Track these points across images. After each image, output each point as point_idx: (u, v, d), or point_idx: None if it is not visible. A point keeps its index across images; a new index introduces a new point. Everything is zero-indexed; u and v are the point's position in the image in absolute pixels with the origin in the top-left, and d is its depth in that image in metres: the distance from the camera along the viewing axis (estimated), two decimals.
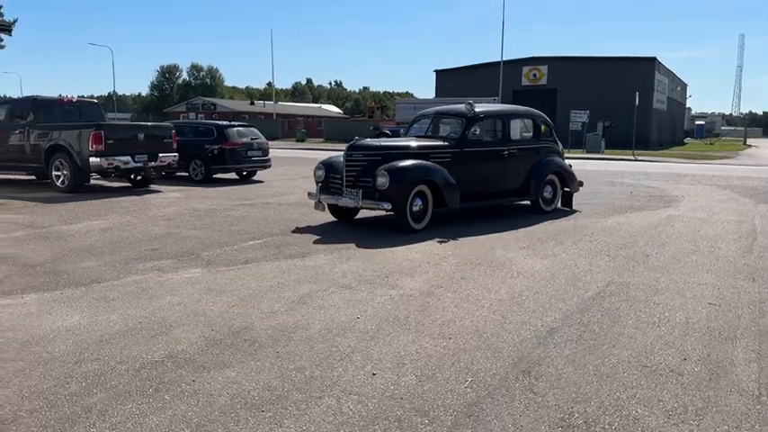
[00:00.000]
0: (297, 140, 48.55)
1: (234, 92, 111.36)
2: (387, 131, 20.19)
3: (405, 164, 8.19)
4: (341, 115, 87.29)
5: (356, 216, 9.20)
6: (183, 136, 14.65)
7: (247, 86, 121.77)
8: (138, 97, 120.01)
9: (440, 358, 3.78)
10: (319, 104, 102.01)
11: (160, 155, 12.96)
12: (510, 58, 44.43)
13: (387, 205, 7.93)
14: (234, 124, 15.90)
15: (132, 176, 13.57)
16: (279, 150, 27.49)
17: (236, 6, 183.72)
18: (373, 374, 3.53)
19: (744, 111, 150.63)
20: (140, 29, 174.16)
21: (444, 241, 7.48)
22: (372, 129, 33.69)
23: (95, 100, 17.57)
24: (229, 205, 10.74)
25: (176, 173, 15.01)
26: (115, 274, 5.80)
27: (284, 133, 56.63)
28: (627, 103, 32.99)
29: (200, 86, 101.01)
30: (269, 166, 16.26)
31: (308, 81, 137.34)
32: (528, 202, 10.07)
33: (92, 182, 12.94)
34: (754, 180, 16.89)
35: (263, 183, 15.19)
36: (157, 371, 3.56)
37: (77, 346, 3.95)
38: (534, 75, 46.85)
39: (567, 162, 10.72)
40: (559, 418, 3.05)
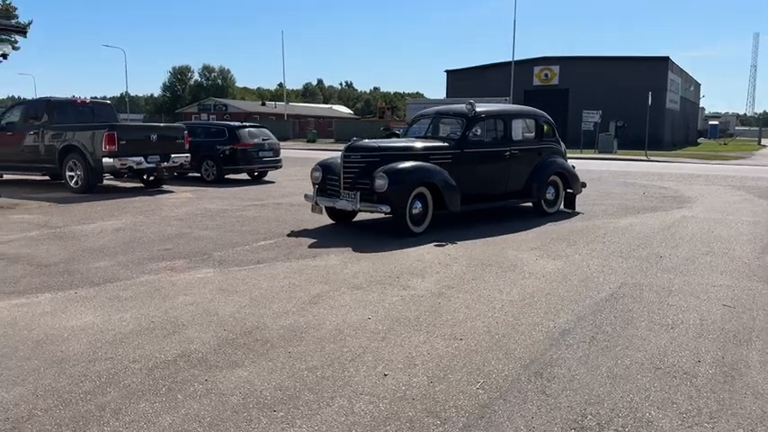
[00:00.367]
0: (307, 141, 48.70)
1: (245, 93, 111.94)
2: (397, 132, 20.23)
3: (404, 165, 7.95)
4: (351, 116, 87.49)
5: (354, 218, 8.97)
6: (195, 137, 14.76)
7: (258, 87, 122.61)
8: (151, 98, 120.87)
9: (451, 359, 3.77)
10: (330, 105, 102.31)
11: (172, 155, 13.06)
12: (521, 58, 44.41)
13: (385, 208, 7.70)
14: (245, 125, 15.97)
15: (145, 177, 13.66)
16: (290, 151, 27.59)
17: (248, 7, 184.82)
18: (385, 375, 3.53)
19: (758, 110, 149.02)
20: (153, 30, 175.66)
21: (442, 245, 7.29)
22: (383, 129, 33.72)
23: (108, 101, 17.70)
24: (241, 206, 10.79)
25: (188, 173, 15.10)
26: (128, 273, 5.85)
27: (295, 134, 56.85)
28: (640, 103, 32.71)
29: (211, 87, 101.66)
30: (280, 166, 16.33)
31: (319, 82, 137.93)
32: (530, 204, 9.91)
33: (105, 182, 13.04)
34: None
35: (274, 183, 15.25)
36: (170, 370, 3.58)
37: (91, 345, 3.98)
38: (546, 75, 46.62)
39: (570, 163, 10.53)
40: (572, 419, 3.03)
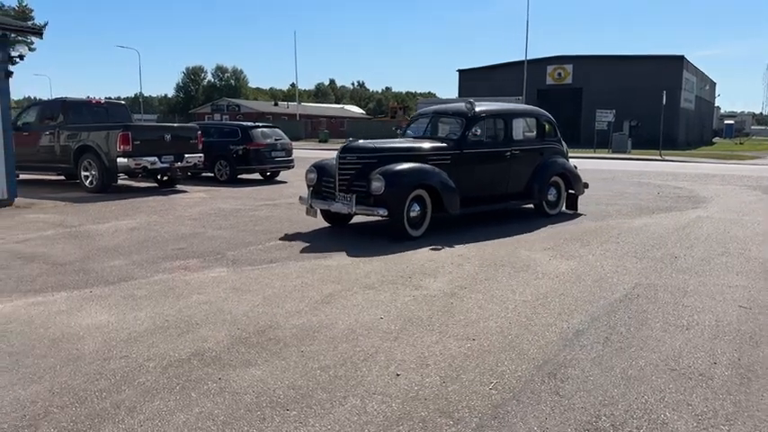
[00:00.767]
0: (320, 141, 48.80)
1: (258, 93, 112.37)
2: (409, 132, 20.14)
3: (401, 167, 7.68)
4: (363, 116, 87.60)
5: (351, 221, 8.76)
6: (209, 137, 14.88)
7: (271, 87, 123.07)
8: (164, 99, 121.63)
9: (464, 359, 3.76)
10: (342, 105, 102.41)
11: (186, 155, 13.15)
12: (534, 57, 44.15)
13: (382, 211, 7.44)
14: (258, 125, 16.05)
15: (159, 177, 13.79)
16: (302, 151, 27.67)
17: (261, 8, 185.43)
18: (397, 375, 3.53)
19: None
20: (166, 31, 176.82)
21: (438, 249, 7.06)
22: (395, 129, 33.72)
23: (122, 101, 17.87)
24: (254, 205, 10.83)
25: (202, 173, 15.20)
26: (142, 272, 5.89)
27: (307, 134, 57.01)
28: (654, 103, 32.45)
29: (224, 88, 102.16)
30: (292, 166, 16.37)
31: (331, 82, 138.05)
32: (531, 205, 9.66)
33: (119, 182, 13.17)
34: None
35: (286, 183, 15.30)
36: (184, 368, 3.60)
37: (106, 343, 4.02)
38: (559, 74, 46.33)
39: (572, 163, 10.28)
40: (586, 421, 3.01)
